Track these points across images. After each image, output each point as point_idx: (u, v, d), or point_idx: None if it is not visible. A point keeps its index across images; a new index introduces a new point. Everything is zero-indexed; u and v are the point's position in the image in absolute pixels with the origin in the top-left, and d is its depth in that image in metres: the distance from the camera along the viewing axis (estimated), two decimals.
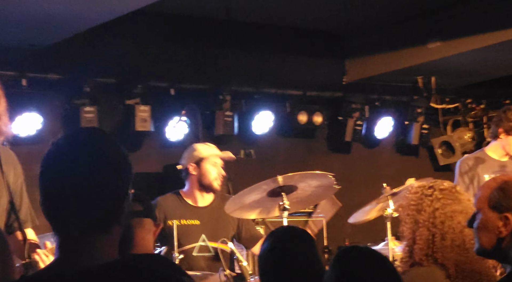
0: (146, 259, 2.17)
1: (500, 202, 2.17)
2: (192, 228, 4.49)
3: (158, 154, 6.65)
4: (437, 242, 2.63)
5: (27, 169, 3.40)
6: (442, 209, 2.68)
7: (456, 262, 2.60)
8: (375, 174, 7.52)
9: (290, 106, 7.16)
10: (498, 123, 4.72)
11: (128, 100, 6.25)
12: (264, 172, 5.41)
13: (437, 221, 2.66)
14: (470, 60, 6.85)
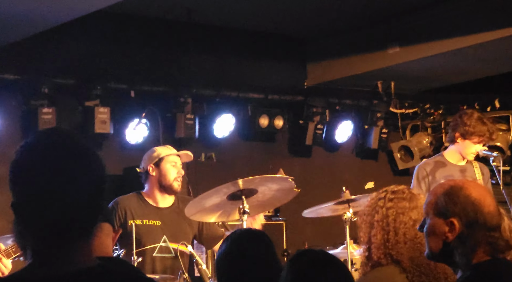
0: (121, 264, 2.15)
1: (446, 207, 2.22)
2: (153, 228, 4.46)
3: (117, 157, 6.58)
4: (391, 239, 2.70)
5: None
6: (394, 207, 2.76)
7: (410, 256, 2.66)
8: (335, 177, 7.58)
9: (252, 109, 7.16)
10: (454, 128, 4.79)
11: (87, 101, 6.18)
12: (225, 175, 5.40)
13: (390, 219, 2.74)
14: (428, 66, 6.96)
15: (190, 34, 6.66)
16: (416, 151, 7.77)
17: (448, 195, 2.23)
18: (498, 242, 2.19)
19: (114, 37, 6.49)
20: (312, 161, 7.78)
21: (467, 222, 2.18)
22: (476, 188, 2.25)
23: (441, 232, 2.21)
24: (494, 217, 2.20)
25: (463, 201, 2.20)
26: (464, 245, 2.18)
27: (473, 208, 2.19)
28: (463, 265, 2.21)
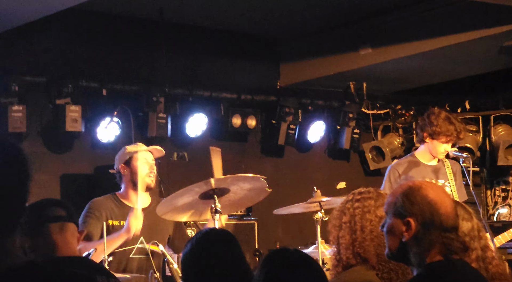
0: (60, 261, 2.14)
1: (403, 207, 2.26)
2: None
3: (89, 155, 6.53)
4: (358, 238, 2.74)
5: None
6: (360, 206, 2.81)
7: (377, 253, 2.69)
8: (307, 177, 7.60)
9: (224, 109, 7.15)
10: (422, 128, 4.84)
11: (58, 99, 6.12)
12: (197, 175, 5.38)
13: (356, 218, 2.79)
14: (400, 67, 7.02)
15: (163, 33, 6.63)
16: (388, 152, 7.83)
17: (406, 195, 2.28)
18: (453, 243, 2.23)
19: (86, 36, 6.44)
20: (284, 161, 7.80)
21: (423, 222, 2.23)
22: (434, 189, 2.29)
23: (398, 231, 2.26)
24: (450, 218, 2.25)
25: (420, 202, 2.24)
26: (419, 244, 2.23)
27: (429, 208, 2.23)
28: (417, 264, 2.25)
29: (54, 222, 2.62)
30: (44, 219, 2.62)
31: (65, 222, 2.64)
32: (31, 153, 5.73)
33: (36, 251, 2.61)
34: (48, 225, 2.61)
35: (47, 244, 2.60)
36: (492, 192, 8.20)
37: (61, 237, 2.61)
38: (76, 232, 2.68)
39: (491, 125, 7.79)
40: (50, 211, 2.64)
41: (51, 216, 2.63)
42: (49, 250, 2.60)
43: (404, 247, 2.26)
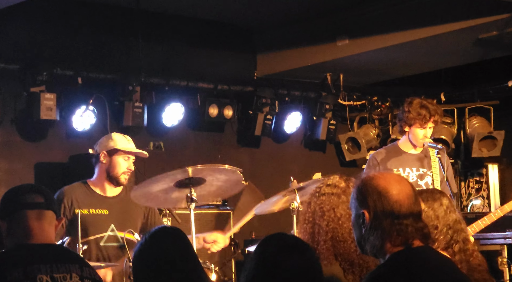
0: (33, 248, 2.11)
1: (358, 200, 2.31)
2: (100, 218, 4.41)
3: (63, 144, 6.48)
4: (317, 235, 2.75)
5: None
6: (325, 203, 2.81)
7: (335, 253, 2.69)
8: (283, 168, 7.62)
9: (201, 99, 7.13)
10: (400, 118, 4.91)
11: (33, 87, 6.05)
12: (173, 164, 5.37)
13: (319, 214, 2.79)
14: (377, 59, 7.05)
15: (139, 21, 6.58)
16: (364, 143, 7.88)
17: (359, 188, 2.32)
18: (407, 229, 2.24)
19: (61, 23, 6.37)
20: (261, 151, 7.80)
21: (375, 212, 2.26)
22: (386, 178, 2.32)
23: (358, 224, 2.30)
24: (404, 205, 2.26)
25: (371, 192, 2.28)
26: (375, 234, 2.25)
27: (379, 197, 2.26)
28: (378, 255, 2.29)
29: (32, 209, 2.59)
30: (22, 205, 2.59)
31: (42, 209, 2.61)
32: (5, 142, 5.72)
33: (12, 236, 2.59)
34: (25, 212, 2.58)
35: (23, 230, 2.57)
36: (466, 184, 8.29)
37: (38, 224, 2.59)
38: (54, 219, 2.65)
39: (466, 117, 7.86)
40: (28, 197, 2.61)
41: (29, 202, 2.59)
42: (25, 237, 2.57)
43: (364, 239, 2.29)
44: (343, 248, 2.69)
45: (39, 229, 2.58)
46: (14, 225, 2.59)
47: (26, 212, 2.58)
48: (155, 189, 4.10)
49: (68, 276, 2.53)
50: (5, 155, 6.22)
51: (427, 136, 4.83)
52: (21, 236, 2.57)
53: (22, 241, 2.57)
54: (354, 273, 2.67)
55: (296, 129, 7.75)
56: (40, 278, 2.46)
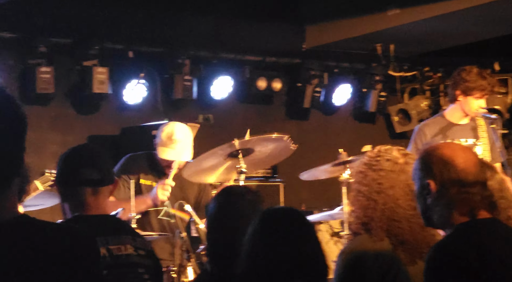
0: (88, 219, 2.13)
1: (422, 171, 2.28)
2: None
3: (115, 117, 6.59)
4: (371, 211, 2.69)
5: None
6: (383, 180, 2.73)
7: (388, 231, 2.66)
8: (332, 141, 7.59)
9: (249, 71, 7.14)
10: (454, 86, 4.74)
11: (85, 61, 6.15)
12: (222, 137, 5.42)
13: (376, 190, 2.72)
14: (428, 28, 6.91)
15: None
16: (414, 114, 7.78)
17: (423, 158, 2.29)
18: (475, 197, 2.21)
19: None
20: (309, 124, 7.79)
21: (441, 181, 2.23)
22: (450, 147, 2.30)
23: (422, 194, 2.28)
24: (470, 173, 2.23)
25: (436, 162, 2.25)
26: (441, 204, 2.23)
27: (445, 166, 2.23)
28: (443, 226, 2.26)
29: (88, 186, 2.60)
30: (78, 181, 2.60)
31: (98, 186, 2.62)
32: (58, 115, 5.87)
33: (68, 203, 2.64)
34: (81, 188, 2.60)
35: (78, 203, 2.61)
36: None
37: (94, 199, 2.62)
38: (109, 190, 2.68)
39: None
40: (85, 173, 2.60)
41: (85, 179, 2.59)
42: (81, 209, 2.61)
43: (429, 210, 2.26)
44: (397, 228, 2.66)
45: (94, 203, 2.61)
46: (70, 196, 2.64)
47: (82, 188, 2.60)
48: (206, 165, 4.17)
49: (122, 247, 2.57)
50: (59, 128, 6.37)
51: (483, 106, 4.71)
52: (77, 207, 2.62)
53: (78, 212, 2.62)
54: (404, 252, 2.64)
55: (346, 101, 7.70)
56: None
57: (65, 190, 2.64)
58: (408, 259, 2.60)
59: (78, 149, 2.72)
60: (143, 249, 2.63)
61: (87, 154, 2.68)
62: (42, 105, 6.30)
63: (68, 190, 2.63)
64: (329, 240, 6.07)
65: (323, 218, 5.32)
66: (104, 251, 2.51)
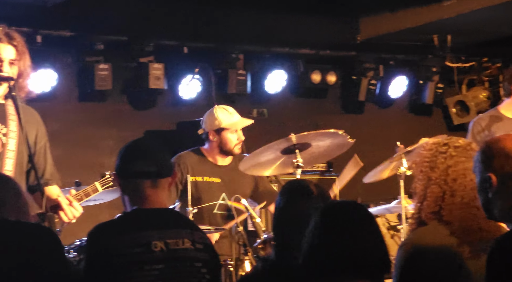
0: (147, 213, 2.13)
1: (482, 163, 2.25)
2: (213, 186, 4.58)
3: (171, 112, 6.67)
4: (446, 199, 2.63)
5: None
6: (455, 167, 2.67)
7: (461, 219, 2.60)
8: (387, 134, 7.51)
9: (303, 65, 7.13)
10: (510, 80, 4.64)
11: (142, 58, 6.24)
12: (277, 131, 5.44)
13: (449, 178, 2.66)
14: (485, 17, 6.75)
15: None
16: (473, 106, 7.64)
17: (484, 151, 2.26)
18: None
19: None
20: (364, 117, 7.73)
21: (502, 175, 2.20)
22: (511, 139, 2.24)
23: (483, 188, 2.25)
24: None
25: (497, 155, 2.22)
26: (502, 198, 2.20)
27: (506, 159, 2.20)
28: (503, 219, 2.23)
29: (146, 178, 2.62)
30: (137, 174, 2.62)
31: (157, 178, 2.64)
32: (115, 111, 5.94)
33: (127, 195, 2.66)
34: (140, 181, 2.63)
35: (137, 196, 2.64)
36: None
37: (153, 192, 2.64)
38: (167, 183, 2.70)
39: None
40: (143, 166, 2.63)
41: (143, 171, 2.62)
42: (140, 202, 2.64)
43: (490, 204, 2.24)
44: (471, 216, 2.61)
45: (153, 196, 2.63)
46: (129, 189, 2.66)
47: (141, 180, 2.62)
48: (263, 159, 4.19)
49: (180, 241, 2.58)
50: (115, 124, 6.49)
51: None
52: (136, 200, 2.65)
53: (137, 205, 2.65)
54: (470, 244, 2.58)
55: (402, 94, 7.61)
56: (155, 244, 2.53)
57: (124, 183, 2.67)
58: (472, 253, 2.55)
59: (136, 143, 2.75)
60: (201, 243, 2.64)
61: (144, 147, 2.71)
62: (100, 101, 6.43)
63: (128, 183, 2.66)
64: (386, 234, 6.02)
65: (380, 212, 5.27)
66: (162, 245, 2.53)
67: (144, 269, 2.48)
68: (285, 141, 4.06)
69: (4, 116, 3.25)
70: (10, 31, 3.20)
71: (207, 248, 2.66)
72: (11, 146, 3.22)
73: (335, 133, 4.18)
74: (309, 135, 4.11)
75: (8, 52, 3.16)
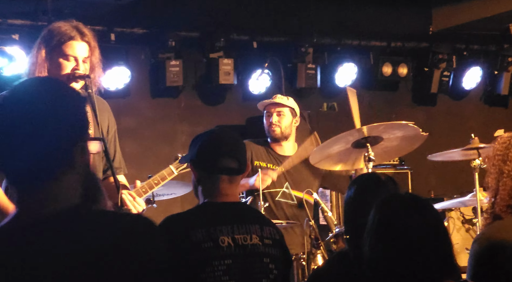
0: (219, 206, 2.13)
1: None
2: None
3: (240, 107, 6.71)
4: None
5: (116, 122, 3.52)
6: None
7: None
8: (461, 126, 7.36)
9: (374, 58, 7.04)
10: None
11: (212, 53, 6.30)
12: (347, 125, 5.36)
13: None
14: None
15: None
16: None
17: None
18: None
19: None
20: (437, 109, 7.58)
21: None
22: None
23: None
24: None
25: None
26: None
27: None
28: None
29: (225, 174, 2.64)
30: (218, 169, 2.64)
31: (235, 175, 2.67)
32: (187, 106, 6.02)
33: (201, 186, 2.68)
34: (218, 176, 2.64)
35: (212, 190, 2.66)
36: None
37: (228, 187, 2.66)
38: (240, 179, 2.71)
39: None
40: (224, 162, 2.64)
41: (224, 167, 2.64)
42: (213, 195, 2.65)
43: None
44: None
45: (228, 191, 2.65)
46: (205, 182, 2.68)
47: (220, 176, 2.64)
48: (333, 151, 4.13)
49: (248, 237, 2.58)
50: (187, 119, 6.59)
51: None
52: (210, 193, 2.66)
53: (209, 198, 2.67)
54: None
55: (475, 85, 7.42)
56: (222, 239, 2.53)
57: (201, 175, 2.68)
58: None
59: (219, 137, 2.72)
60: (270, 238, 2.63)
61: (228, 143, 2.70)
62: (172, 97, 6.53)
63: (205, 175, 2.67)
64: (461, 228, 5.89)
65: (454, 205, 5.17)
66: (229, 240, 2.54)
67: (213, 264, 2.49)
68: (356, 132, 3.99)
69: None
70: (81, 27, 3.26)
71: (276, 243, 2.64)
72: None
73: (407, 125, 4.09)
74: (380, 126, 4.03)
75: (82, 50, 3.23)
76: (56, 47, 3.20)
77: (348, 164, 4.30)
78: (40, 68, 3.21)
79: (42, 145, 1.50)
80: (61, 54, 3.20)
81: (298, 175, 4.61)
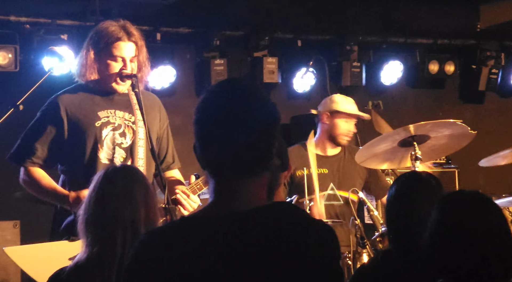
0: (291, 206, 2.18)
1: None
2: (320, 177, 4.54)
3: (285, 106, 6.69)
4: None
5: None
6: None
7: None
8: (510, 124, 7.23)
9: (420, 55, 6.96)
10: None
11: (256, 52, 6.31)
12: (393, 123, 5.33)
13: None
14: None
15: None
16: None
17: None
18: None
19: None
20: (485, 107, 7.45)
21: None
22: None
23: None
24: None
25: None
26: None
27: None
28: None
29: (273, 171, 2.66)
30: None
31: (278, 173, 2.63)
32: None
33: None
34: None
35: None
36: None
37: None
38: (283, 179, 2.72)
39: None
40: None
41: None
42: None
43: None
44: None
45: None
46: None
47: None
48: (379, 150, 4.11)
49: None
50: None
51: None
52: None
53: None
54: None
55: None
56: None
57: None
58: None
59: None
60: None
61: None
62: None
63: None
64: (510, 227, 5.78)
65: (503, 204, 5.07)
66: None
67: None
68: (402, 131, 3.97)
69: (130, 106, 3.38)
70: (128, 27, 3.30)
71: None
72: (141, 135, 3.36)
73: (455, 123, 4.04)
74: (427, 125, 3.99)
75: (129, 50, 3.27)
76: (104, 48, 3.26)
77: (395, 163, 4.27)
78: (90, 70, 3.27)
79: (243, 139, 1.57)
80: (109, 56, 3.26)
81: (342, 175, 4.59)
